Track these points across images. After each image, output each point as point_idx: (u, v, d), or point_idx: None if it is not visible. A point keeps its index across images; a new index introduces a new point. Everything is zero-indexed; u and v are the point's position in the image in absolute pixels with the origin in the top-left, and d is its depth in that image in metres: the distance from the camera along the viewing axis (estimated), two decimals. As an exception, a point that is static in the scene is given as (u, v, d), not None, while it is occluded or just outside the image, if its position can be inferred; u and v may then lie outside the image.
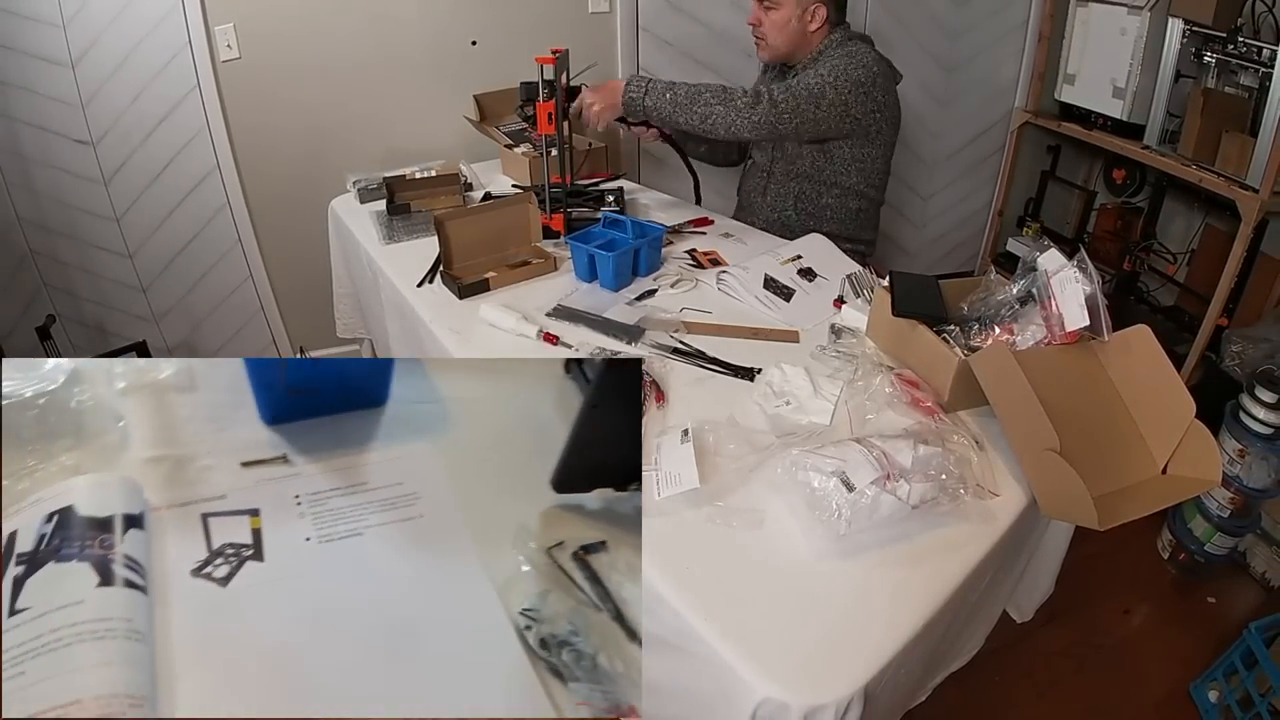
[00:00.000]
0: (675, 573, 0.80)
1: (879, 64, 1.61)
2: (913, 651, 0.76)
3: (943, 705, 1.05)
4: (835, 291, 1.39)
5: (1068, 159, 3.00)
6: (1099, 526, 0.80)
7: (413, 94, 2.26)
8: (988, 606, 1.07)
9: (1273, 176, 2.02)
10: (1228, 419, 1.77)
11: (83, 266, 2.20)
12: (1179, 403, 0.92)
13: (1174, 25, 2.26)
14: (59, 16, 1.88)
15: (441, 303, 1.40)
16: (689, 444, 0.92)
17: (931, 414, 1.01)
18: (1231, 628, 1.67)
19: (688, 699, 0.79)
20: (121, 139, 2.07)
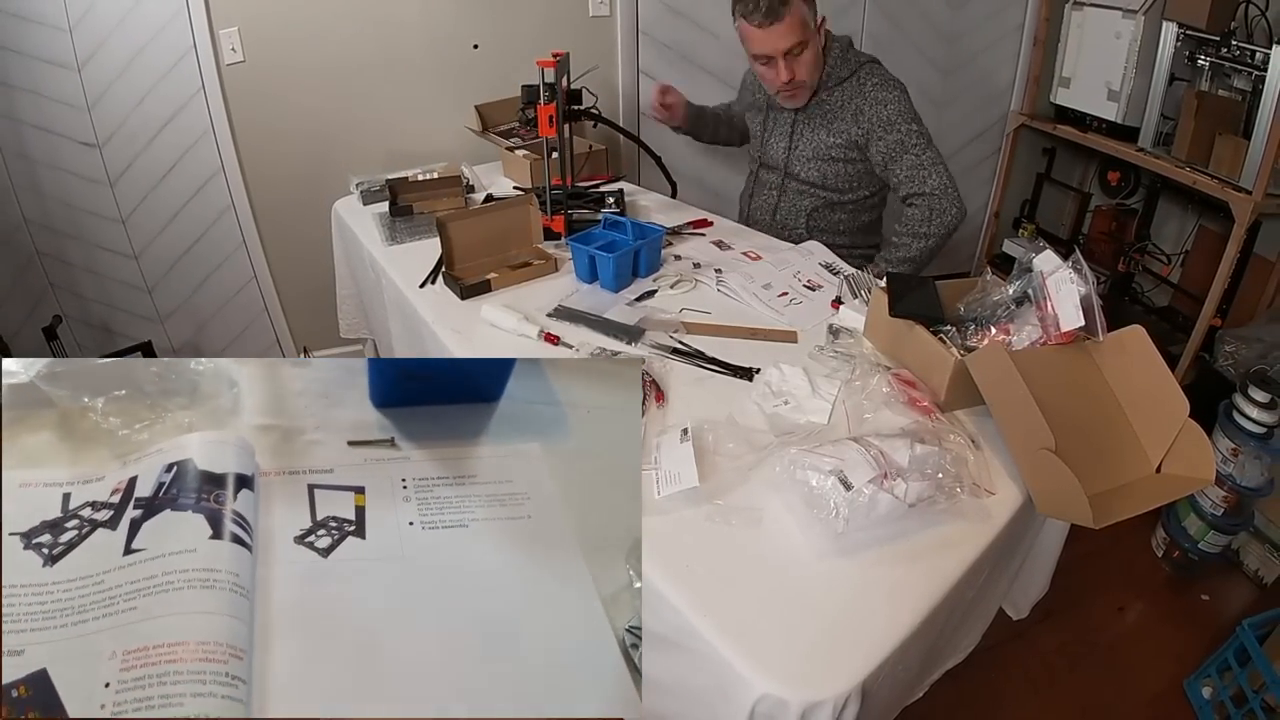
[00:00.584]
0: (675, 570, 0.80)
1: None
2: (910, 648, 0.76)
3: (939, 702, 1.05)
4: (833, 292, 1.39)
5: (1063, 161, 3.00)
6: (1094, 525, 0.80)
7: (415, 97, 2.26)
8: (984, 604, 1.07)
9: (1266, 178, 2.03)
10: (1221, 418, 1.77)
11: (89, 268, 2.20)
12: (1173, 402, 0.92)
13: (1168, 29, 2.26)
14: (65, 20, 1.88)
15: (443, 303, 1.40)
16: (688, 443, 0.92)
17: (928, 413, 1.01)
18: (1225, 625, 1.67)
19: (687, 695, 0.79)
20: (127, 141, 2.07)
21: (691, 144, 2.54)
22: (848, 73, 1.59)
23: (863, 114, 1.57)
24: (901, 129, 1.54)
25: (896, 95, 1.56)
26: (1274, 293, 2.28)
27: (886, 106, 1.55)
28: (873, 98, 1.56)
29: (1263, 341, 2.09)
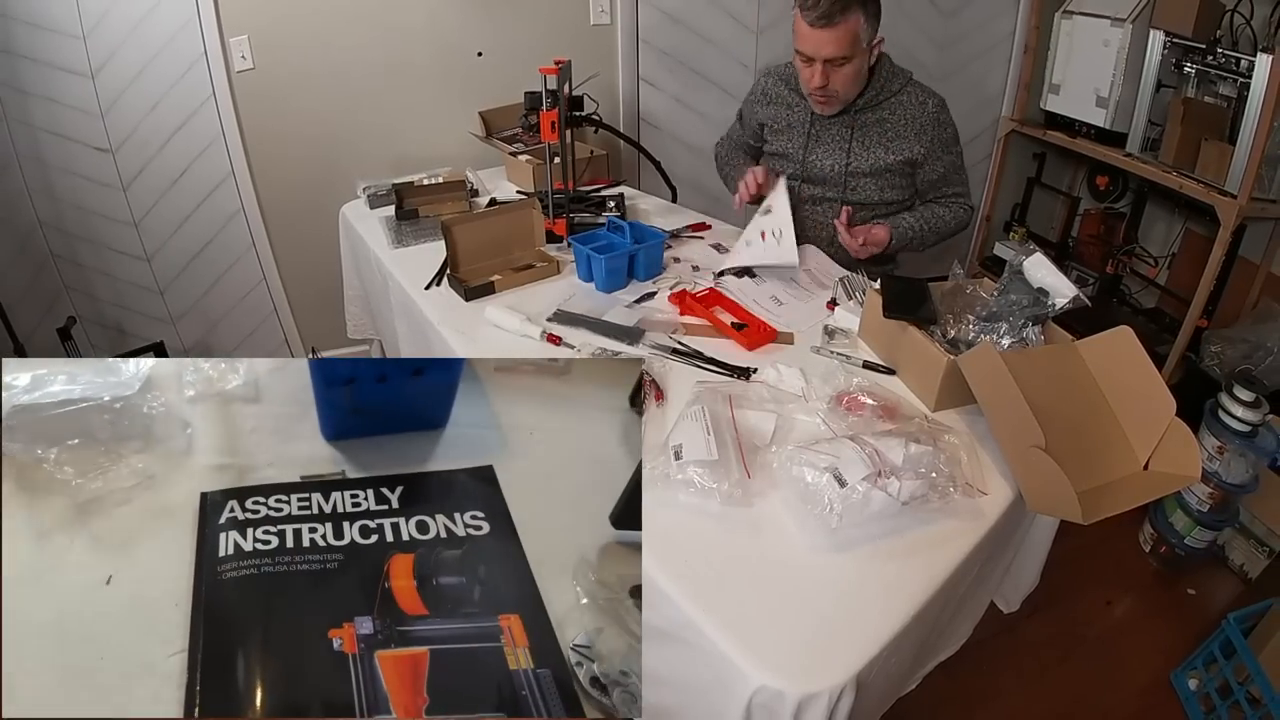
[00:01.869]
0: (674, 567, 0.80)
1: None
2: (903, 641, 0.76)
3: (932, 693, 1.05)
4: (828, 294, 1.39)
5: (1053, 166, 3.00)
6: (1083, 521, 0.80)
7: (421, 103, 2.25)
8: (976, 598, 1.07)
9: (1250, 183, 2.03)
10: (1207, 417, 1.77)
11: (102, 270, 2.20)
12: (1160, 401, 0.92)
13: (1155, 37, 2.26)
14: (79, 28, 1.88)
15: (448, 304, 1.40)
16: (702, 419, 0.92)
17: (891, 415, 1.00)
18: (1211, 618, 1.67)
19: (686, 688, 0.79)
20: (139, 147, 2.07)
21: (690, 149, 2.56)
22: (898, 87, 1.52)
23: (925, 133, 1.51)
24: (955, 150, 1.57)
25: (949, 117, 1.55)
26: (1258, 294, 2.29)
27: (947, 128, 1.54)
28: (936, 118, 1.51)
29: (1247, 342, 2.09)
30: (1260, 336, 2.09)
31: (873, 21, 1.40)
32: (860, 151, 1.55)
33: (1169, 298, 2.64)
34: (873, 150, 1.54)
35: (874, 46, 1.44)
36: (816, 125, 1.58)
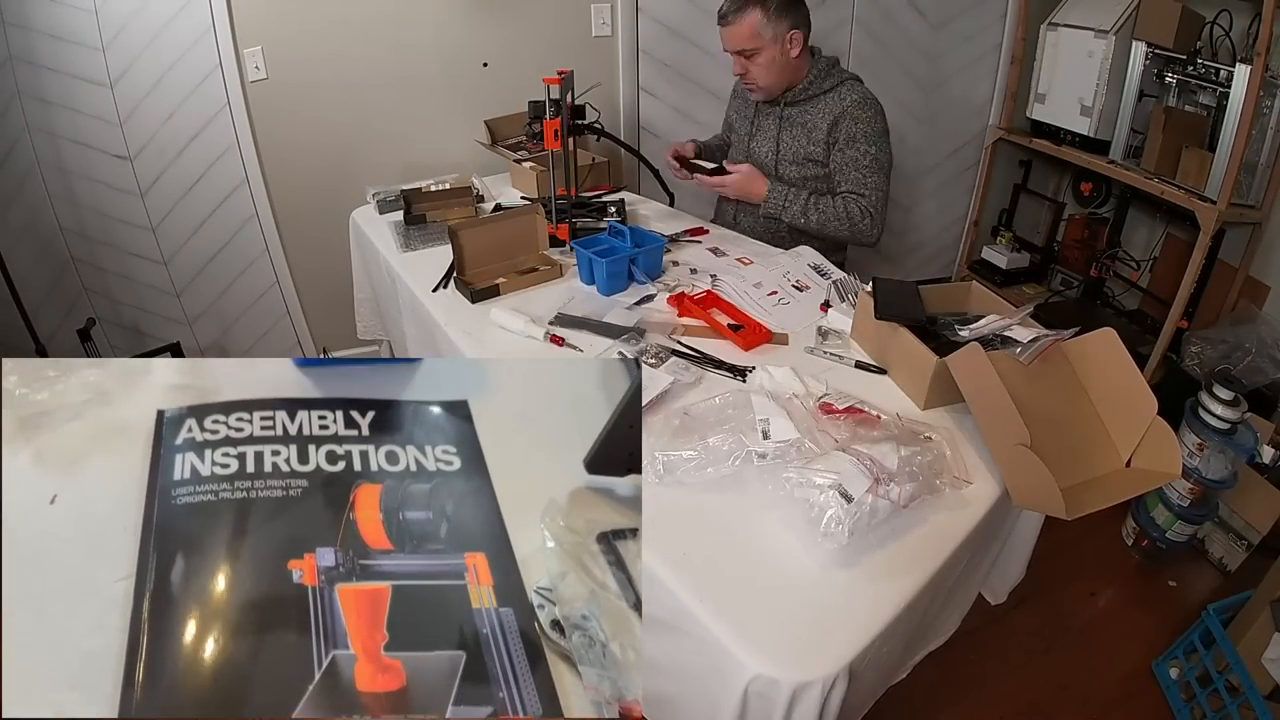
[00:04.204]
0: (672, 558, 0.80)
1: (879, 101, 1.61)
2: (894, 632, 0.76)
3: (922, 682, 1.06)
4: (821, 295, 1.39)
5: (1038, 173, 3.00)
6: (1067, 516, 0.80)
7: (429, 112, 2.26)
8: (963, 590, 1.07)
9: (1229, 189, 2.03)
10: (1188, 415, 1.77)
11: (121, 273, 2.20)
12: (1142, 400, 0.92)
13: (1138, 48, 2.26)
14: (99, 40, 1.88)
15: (455, 307, 1.40)
16: (774, 401, 0.92)
17: (875, 420, 0.97)
18: (1191, 609, 1.67)
19: (684, 676, 0.79)
20: (157, 154, 2.07)
21: (688, 157, 2.56)
22: (830, 86, 1.62)
23: (838, 125, 1.59)
24: (861, 148, 1.58)
25: (870, 115, 1.58)
26: (1237, 296, 2.28)
27: (859, 124, 1.57)
28: (850, 113, 1.58)
29: (1226, 342, 2.09)
30: (1239, 337, 2.09)
31: (776, 17, 1.54)
32: (788, 140, 1.68)
33: (1151, 300, 2.64)
34: (797, 139, 1.66)
35: (788, 39, 1.57)
36: (759, 116, 1.76)
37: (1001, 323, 1.06)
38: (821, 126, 1.61)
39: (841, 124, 1.58)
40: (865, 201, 1.58)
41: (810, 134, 1.64)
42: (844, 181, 1.60)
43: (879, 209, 1.59)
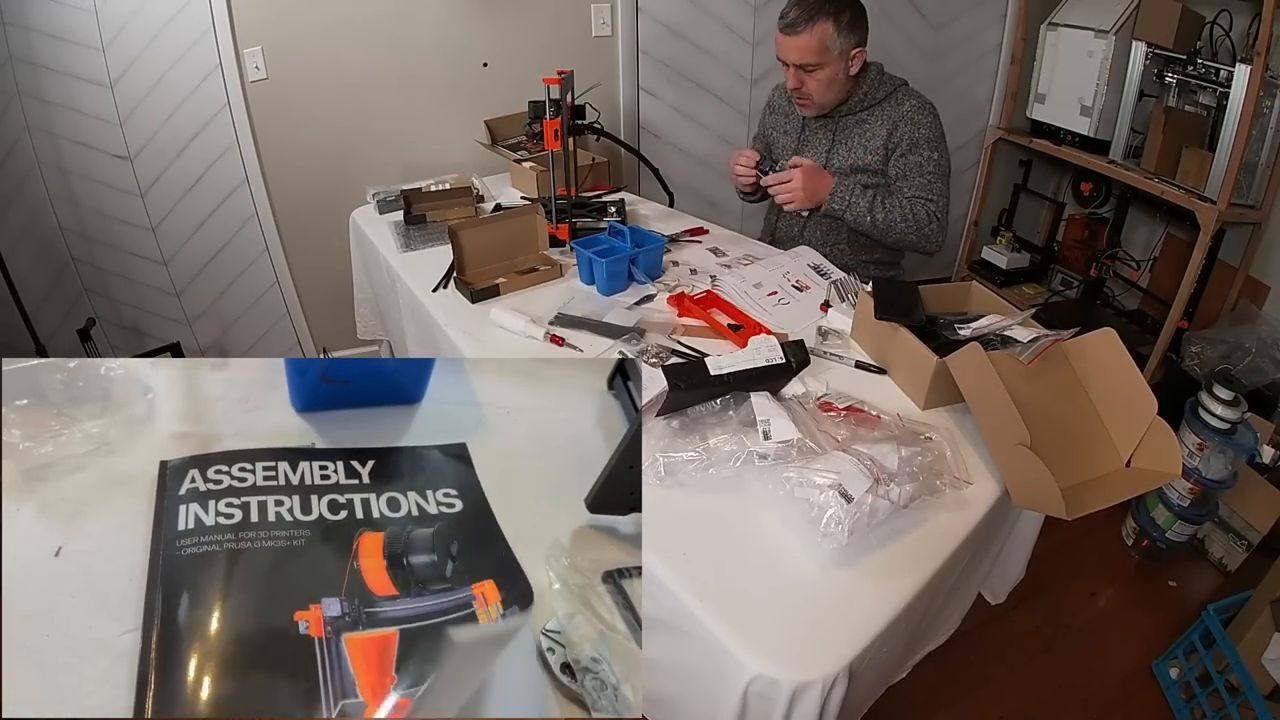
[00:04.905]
0: (672, 558, 0.80)
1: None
2: (894, 632, 0.76)
3: (922, 682, 1.06)
4: (821, 295, 1.39)
5: (1038, 173, 3.00)
6: (1067, 516, 0.80)
7: (429, 112, 2.25)
8: (964, 589, 1.07)
9: (1229, 189, 2.03)
10: (1187, 415, 1.76)
11: (121, 273, 2.20)
12: (1142, 400, 0.92)
13: (1138, 48, 2.26)
14: (99, 40, 1.88)
15: (455, 306, 1.40)
16: (774, 401, 0.92)
17: (875, 420, 0.98)
18: (1191, 609, 1.67)
19: (684, 676, 0.79)
20: (157, 154, 2.07)
21: (687, 156, 2.56)
22: (884, 94, 1.56)
23: (896, 131, 1.53)
24: (924, 153, 1.53)
25: (930, 120, 1.53)
26: (1237, 296, 2.28)
27: (920, 129, 1.52)
28: (910, 118, 1.52)
29: (1226, 343, 2.09)
30: (1239, 337, 2.08)
31: (846, 32, 1.45)
32: (841, 151, 1.60)
33: (1151, 300, 2.63)
34: (852, 150, 1.58)
35: (852, 56, 1.49)
36: (806, 130, 1.66)
37: (1002, 323, 1.06)
38: (879, 135, 1.55)
39: (900, 130, 1.53)
40: (933, 206, 1.52)
41: (867, 144, 1.56)
42: (908, 187, 1.54)
43: (944, 215, 1.54)
